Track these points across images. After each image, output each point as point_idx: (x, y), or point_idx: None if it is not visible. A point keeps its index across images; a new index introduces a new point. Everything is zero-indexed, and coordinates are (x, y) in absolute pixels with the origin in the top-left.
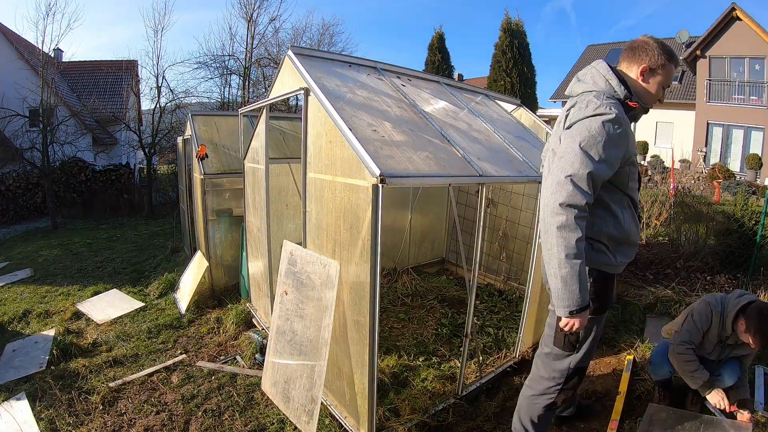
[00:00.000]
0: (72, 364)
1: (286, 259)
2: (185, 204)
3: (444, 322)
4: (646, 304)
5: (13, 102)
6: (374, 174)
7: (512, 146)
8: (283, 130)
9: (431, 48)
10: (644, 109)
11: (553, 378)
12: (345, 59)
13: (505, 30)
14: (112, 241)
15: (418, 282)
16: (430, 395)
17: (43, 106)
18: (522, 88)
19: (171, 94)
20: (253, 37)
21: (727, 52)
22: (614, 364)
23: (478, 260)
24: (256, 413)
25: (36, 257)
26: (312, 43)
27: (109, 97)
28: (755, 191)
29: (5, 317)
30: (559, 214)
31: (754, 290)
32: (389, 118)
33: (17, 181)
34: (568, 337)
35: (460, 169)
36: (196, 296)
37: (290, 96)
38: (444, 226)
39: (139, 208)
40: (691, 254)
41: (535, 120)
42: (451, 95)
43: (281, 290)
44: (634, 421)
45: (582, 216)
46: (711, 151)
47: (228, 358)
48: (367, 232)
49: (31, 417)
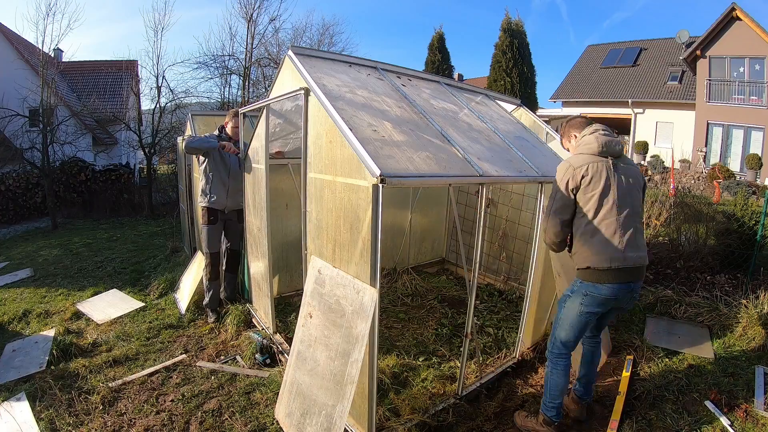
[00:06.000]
0: (72, 364)
1: (313, 277)
2: (185, 204)
3: (444, 322)
4: (646, 304)
5: (13, 102)
6: (374, 174)
7: (512, 146)
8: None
9: (431, 48)
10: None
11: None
12: (345, 59)
13: (505, 30)
14: (112, 241)
15: (418, 282)
16: (430, 395)
17: (43, 106)
18: (522, 88)
19: (171, 94)
20: (253, 37)
21: (727, 52)
22: (614, 364)
23: (478, 260)
24: (256, 413)
25: (36, 257)
26: (312, 43)
27: (109, 97)
28: (755, 191)
29: (5, 317)
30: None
31: (754, 290)
32: (389, 118)
33: (17, 181)
34: None
35: (461, 169)
36: (196, 296)
37: (290, 96)
38: (444, 226)
39: (139, 208)
40: (691, 254)
41: (535, 120)
42: (451, 95)
43: (305, 311)
44: (634, 421)
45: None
46: (711, 151)
47: (228, 358)
48: (367, 232)
49: (31, 417)
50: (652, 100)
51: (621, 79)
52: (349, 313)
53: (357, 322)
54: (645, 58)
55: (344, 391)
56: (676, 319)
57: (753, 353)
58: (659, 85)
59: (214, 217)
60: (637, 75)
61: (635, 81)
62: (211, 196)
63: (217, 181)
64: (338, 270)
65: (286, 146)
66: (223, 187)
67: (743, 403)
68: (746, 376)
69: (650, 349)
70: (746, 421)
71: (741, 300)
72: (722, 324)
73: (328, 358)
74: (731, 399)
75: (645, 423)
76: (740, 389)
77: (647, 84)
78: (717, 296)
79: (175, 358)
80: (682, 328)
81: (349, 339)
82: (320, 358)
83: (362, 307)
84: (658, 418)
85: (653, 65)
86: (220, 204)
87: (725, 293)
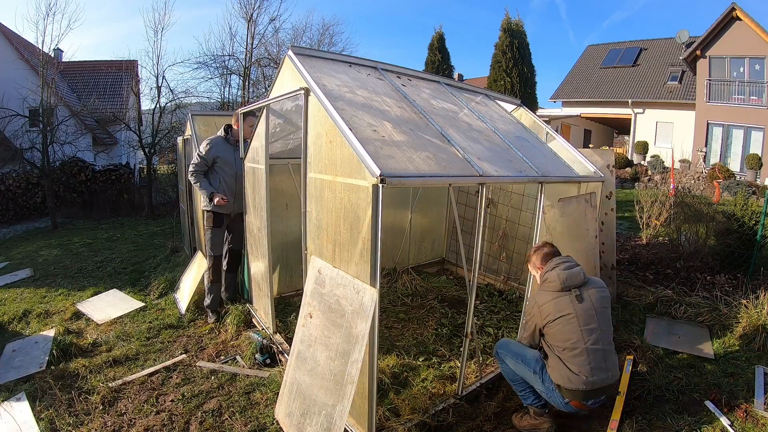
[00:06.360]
0: (72, 364)
1: (313, 277)
2: (185, 204)
3: (444, 322)
4: (646, 304)
5: (13, 102)
6: (374, 174)
7: (512, 146)
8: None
9: (431, 48)
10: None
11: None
12: (345, 59)
13: (505, 30)
14: (112, 241)
15: (418, 282)
16: (430, 395)
17: (43, 106)
18: (522, 88)
19: (171, 94)
20: (253, 37)
21: (727, 52)
22: None
23: (478, 260)
24: (256, 413)
25: (36, 257)
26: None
27: (109, 97)
28: (755, 191)
29: (5, 317)
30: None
31: (754, 290)
32: (389, 118)
33: (17, 181)
34: None
35: (461, 169)
36: (196, 296)
37: (290, 96)
38: (444, 226)
39: (139, 208)
40: (691, 254)
41: (535, 120)
42: (451, 95)
43: (305, 311)
44: (634, 421)
45: None
46: (711, 151)
47: (228, 358)
48: (367, 232)
49: (31, 417)
50: (652, 100)
51: (621, 79)
52: (349, 313)
53: (357, 322)
54: (645, 58)
55: (344, 391)
56: (676, 319)
57: (753, 353)
58: (659, 85)
59: (220, 221)
60: (637, 75)
61: (635, 81)
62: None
63: (223, 185)
64: (338, 270)
65: (286, 146)
66: (229, 192)
67: (743, 403)
68: (746, 376)
69: (650, 349)
70: (746, 421)
71: (741, 300)
72: (722, 324)
73: (328, 358)
74: (731, 399)
75: (645, 423)
76: (740, 389)
77: (647, 84)
78: (717, 296)
79: (175, 358)
80: (682, 328)
81: (349, 339)
82: (320, 358)
83: (362, 307)
84: (658, 418)
85: (653, 65)
86: (226, 208)
87: (725, 293)
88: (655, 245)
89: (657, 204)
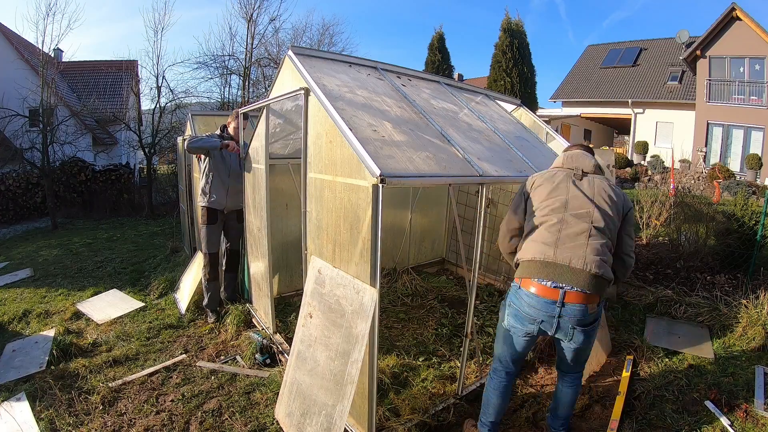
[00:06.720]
0: (72, 364)
1: (313, 277)
2: (185, 204)
3: (444, 322)
4: (646, 304)
5: (13, 102)
6: (374, 174)
7: (512, 146)
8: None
9: (431, 48)
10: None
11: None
12: (345, 59)
13: (505, 30)
14: (112, 241)
15: (418, 282)
16: (430, 395)
17: (43, 106)
18: (522, 88)
19: (171, 94)
20: (253, 37)
21: (727, 52)
22: (614, 364)
23: (478, 260)
24: (256, 413)
25: (36, 257)
26: (312, 43)
27: (109, 97)
28: (755, 191)
29: (5, 317)
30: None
31: (754, 290)
32: (389, 118)
33: (17, 181)
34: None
35: (461, 169)
36: (196, 296)
37: (290, 96)
38: (444, 226)
39: (139, 208)
40: (691, 254)
41: (535, 120)
42: (451, 95)
43: (305, 311)
44: (634, 421)
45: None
46: (711, 151)
47: (228, 358)
48: (367, 231)
49: (31, 417)
50: (652, 100)
51: (621, 79)
52: (349, 313)
53: (357, 322)
54: (645, 58)
55: (344, 391)
56: (676, 319)
57: (753, 353)
58: (659, 85)
59: (214, 217)
60: (637, 75)
61: (635, 81)
62: (210, 195)
63: (217, 180)
64: (338, 270)
65: (286, 147)
66: (223, 187)
67: (743, 403)
68: (746, 376)
69: (650, 349)
70: (746, 421)
71: (741, 300)
72: (722, 324)
73: (328, 358)
74: (731, 399)
75: (645, 423)
76: (740, 389)
77: (647, 84)
78: (717, 296)
79: (175, 358)
80: (682, 328)
81: (349, 339)
82: (320, 358)
83: (362, 307)
84: (658, 418)
85: (653, 65)
86: (219, 204)
87: (725, 293)
88: (655, 245)
89: (657, 204)
